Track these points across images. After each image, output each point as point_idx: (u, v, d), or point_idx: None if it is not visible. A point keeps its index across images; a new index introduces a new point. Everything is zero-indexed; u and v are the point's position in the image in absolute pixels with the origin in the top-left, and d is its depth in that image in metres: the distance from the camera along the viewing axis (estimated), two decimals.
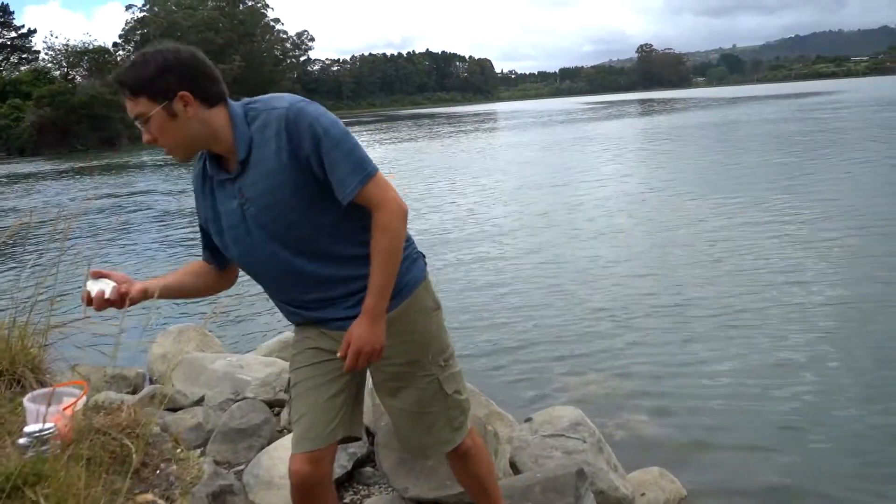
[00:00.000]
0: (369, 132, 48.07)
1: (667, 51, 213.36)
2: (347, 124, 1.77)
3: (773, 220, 9.07)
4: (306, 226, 1.78)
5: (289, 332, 5.31)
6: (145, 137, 1.73)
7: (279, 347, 5.01)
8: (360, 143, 1.77)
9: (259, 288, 2.01)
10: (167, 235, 12.00)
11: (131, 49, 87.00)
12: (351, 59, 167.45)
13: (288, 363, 4.35)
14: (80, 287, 1.92)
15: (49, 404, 1.83)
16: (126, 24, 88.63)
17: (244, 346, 5.73)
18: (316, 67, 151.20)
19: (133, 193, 19.19)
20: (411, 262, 1.93)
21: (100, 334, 2.57)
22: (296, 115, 1.71)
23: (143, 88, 1.67)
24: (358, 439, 2.10)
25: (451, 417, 2.02)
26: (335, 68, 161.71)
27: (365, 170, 1.73)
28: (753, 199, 10.70)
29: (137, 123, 1.72)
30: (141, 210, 15.64)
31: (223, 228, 1.86)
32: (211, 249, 2.02)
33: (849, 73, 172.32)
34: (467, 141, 32.27)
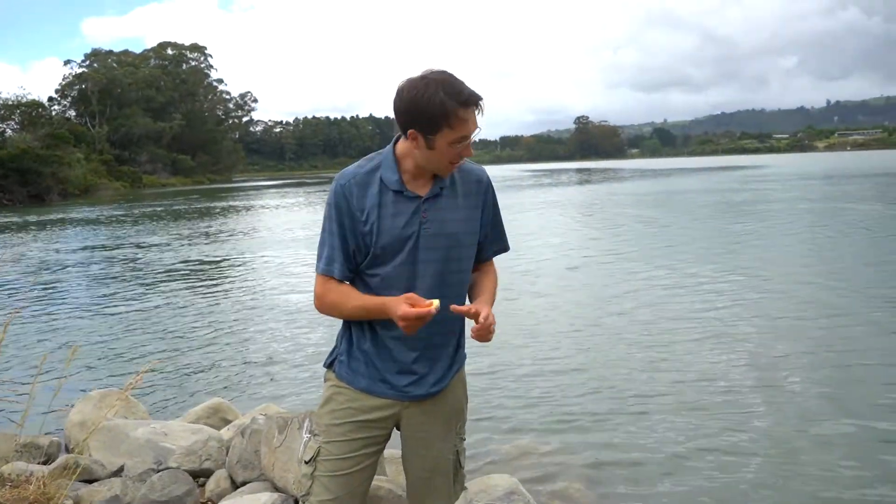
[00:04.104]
0: (309, 194, 47.95)
1: (602, 123, 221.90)
2: (288, 185, 1.81)
3: (729, 287, 9.31)
4: None
5: (217, 398, 5.13)
6: (471, 151, 1.94)
7: (207, 414, 4.82)
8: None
9: (191, 352, 1.96)
10: (99, 293, 11.55)
11: (67, 104, 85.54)
12: (294, 122, 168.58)
13: (213, 430, 4.18)
14: None
15: None
16: (64, 79, 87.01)
17: (172, 413, 5.48)
18: (259, 128, 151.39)
19: (62, 250, 18.50)
20: (463, 338, 2.14)
21: (9, 400, 2.40)
22: None
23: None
24: None
25: (456, 491, 2.19)
26: (278, 129, 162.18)
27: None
28: (705, 267, 11.04)
29: (463, 143, 1.88)
30: (67, 267, 15.06)
31: None
32: None
33: (771, 149, 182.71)
34: None
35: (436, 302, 1.83)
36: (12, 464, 3.23)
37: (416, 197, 1.95)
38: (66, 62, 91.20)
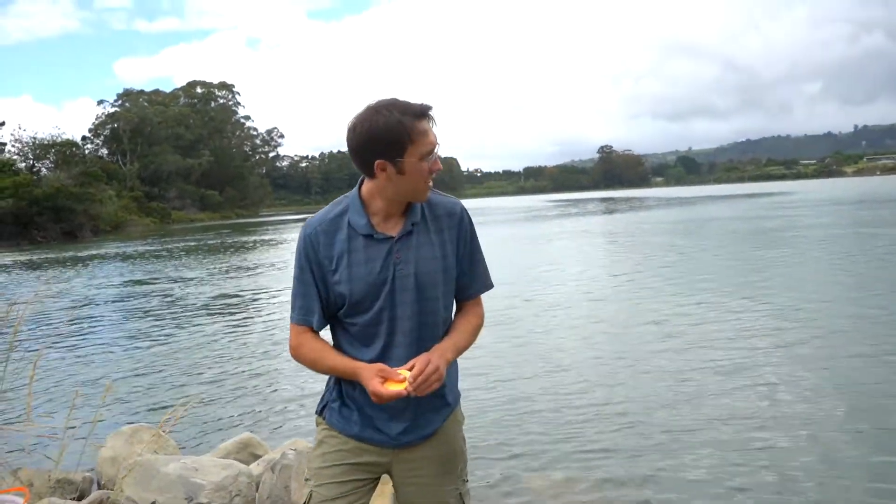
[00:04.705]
0: None
1: (626, 152, 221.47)
2: None
3: (768, 318, 9.08)
4: None
5: (247, 433, 5.12)
6: (440, 165, 1.88)
7: (237, 448, 4.81)
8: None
9: (220, 386, 1.96)
10: (132, 327, 11.69)
11: (100, 143, 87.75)
12: (320, 156, 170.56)
13: (243, 466, 4.17)
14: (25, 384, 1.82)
15: None
16: (97, 119, 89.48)
17: (202, 448, 5.48)
18: (285, 163, 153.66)
19: (93, 286, 18.81)
20: (458, 378, 2.12)
21: (44, 436, 2.43)
22: None
23: None
24: None
25: None
26: (304, 164, 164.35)
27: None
28: (742, 296, 10.86)
29: (430, 157, 1.85)
30: (99, 304, 15.28)
31: None
32: None
33: (798, 175, 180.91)
34: None
35: (407, 375, 1.82)
36: (48, 499, 3.25)
37: (387, 238, 1.90)
38: (100, 102, 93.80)
